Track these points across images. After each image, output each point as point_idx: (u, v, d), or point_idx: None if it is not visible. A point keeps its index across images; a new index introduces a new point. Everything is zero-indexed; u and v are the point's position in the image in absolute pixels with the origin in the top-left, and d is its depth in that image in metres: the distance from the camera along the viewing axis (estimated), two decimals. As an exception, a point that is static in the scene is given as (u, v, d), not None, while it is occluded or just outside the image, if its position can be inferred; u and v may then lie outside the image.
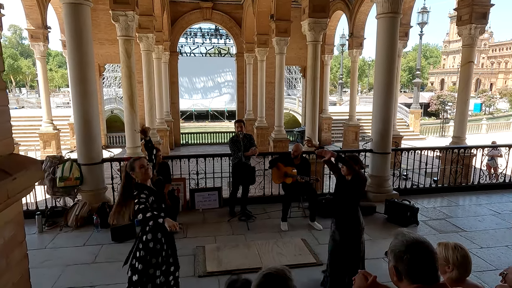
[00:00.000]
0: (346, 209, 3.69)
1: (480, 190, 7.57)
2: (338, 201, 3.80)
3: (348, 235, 3.64)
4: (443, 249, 2.05)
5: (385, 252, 1.55)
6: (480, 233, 5.43)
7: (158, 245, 3.05)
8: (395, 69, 6.80)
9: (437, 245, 2.06)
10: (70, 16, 5.47)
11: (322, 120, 19.06)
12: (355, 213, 3.68)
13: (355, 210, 3.69)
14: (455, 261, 2.05)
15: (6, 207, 1.12)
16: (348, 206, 3.69)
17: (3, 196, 1.08)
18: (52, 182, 5.64)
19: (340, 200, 3.76)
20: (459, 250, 2.05)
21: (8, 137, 1.32)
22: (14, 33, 63.99)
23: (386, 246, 1.58)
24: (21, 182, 1.17)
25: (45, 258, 4.59)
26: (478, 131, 26.04)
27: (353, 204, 3.69)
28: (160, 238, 3.05)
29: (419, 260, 1.37)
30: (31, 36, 13.89)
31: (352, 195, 3.69)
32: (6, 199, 1.09)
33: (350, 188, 3.66)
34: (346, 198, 3.70)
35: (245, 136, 6.01)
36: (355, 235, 3.65)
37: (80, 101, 5.73)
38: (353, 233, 3.65)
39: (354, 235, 3.65)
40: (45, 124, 14.92)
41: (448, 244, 2.07)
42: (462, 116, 9.51)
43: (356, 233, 3.66)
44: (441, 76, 74.60)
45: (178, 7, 17.66)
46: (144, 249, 3.02)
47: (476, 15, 8.85)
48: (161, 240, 3.07)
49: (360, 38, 16.04)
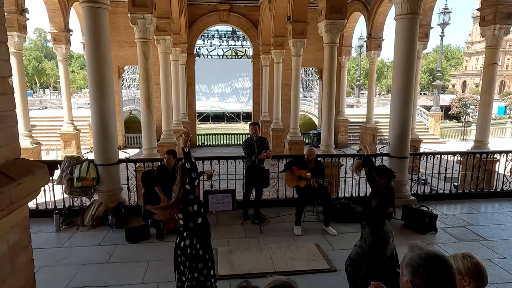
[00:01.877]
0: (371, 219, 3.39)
1: (504, 197, 7.27)
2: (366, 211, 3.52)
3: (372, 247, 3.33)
4: (453, 261, 1.94)
5: (397, 265, 1.48)
6: (503, 243, 5.20)
7: (195, 250, 3.10)
8: (414, 71, 6.61)
9: None
10: (89, 20, 5.59)
11: (338, 123, 18.81)
12: (381, 225, 3.35)
13: (379, 225, 3.35)
14: (467, 271, 1.94)
15: (10, 212, 1.13)
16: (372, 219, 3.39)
17: (6, 202, 1.08)
18: (69, 182, 5.77)
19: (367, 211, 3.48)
20: (468, 260, 1.94)
21: (15, 141, 1.33)
22: (39, 36, 66.24)
23: (403, 253, 1.51)
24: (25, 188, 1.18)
25: (61, 257, 4.70)
26: (502, 135, 25.12)
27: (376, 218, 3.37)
28: (196, 243, 3.10)
29: (439, 276, 1.29)
30: (54, 39, 14.33)
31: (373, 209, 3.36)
32: (10, 204, 1.10)
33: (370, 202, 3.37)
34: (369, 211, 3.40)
35: (259, 139, 5.98)
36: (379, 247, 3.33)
37: (98, 103, 5.84)
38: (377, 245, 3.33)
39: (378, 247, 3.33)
40: (66, 125, 15.34)
41: (456, 255, 1.97)
42: (485, 120, 9.18)
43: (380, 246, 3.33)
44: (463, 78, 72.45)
45: (195, 10, 17.84)
46: (184, 255, 3.11)
47: (501, 15, 8.53)
48: (197, 245, 3.10)
49: (378, 39, 15.75)
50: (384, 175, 3.43)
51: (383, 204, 3.32)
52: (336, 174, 7.96)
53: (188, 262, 3.07)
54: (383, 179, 3.39)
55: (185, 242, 3.08)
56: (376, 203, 3.29)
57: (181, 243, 3.10)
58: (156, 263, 4.52)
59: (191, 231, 3.08)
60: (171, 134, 12.40)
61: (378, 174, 3.40)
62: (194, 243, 3.09)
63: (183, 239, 3.10)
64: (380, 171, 3.45)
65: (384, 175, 3.43)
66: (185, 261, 3.09)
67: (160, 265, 4.46)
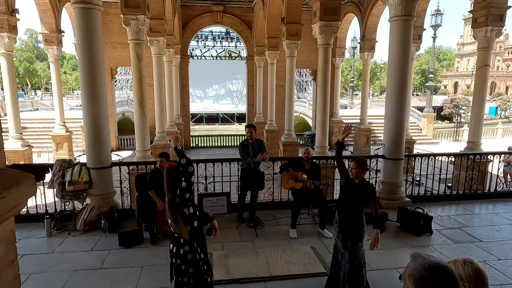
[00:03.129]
0: (351, 214, 3.59)
1: (497, 198, 7.32)
2: (344, 205, 3.68)
3: (350, 242, 3.56)
4: (453, 267, 1.92)
5: (399, 276, 1.44)
6: (498, 244, 5.22)
7: (194, 254, 3.02)
8: (408, 73, 6.63)
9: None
10: (81, 21, 5.50)
11: (332, 124, 18.86)
12: (360, 219, 3.58)
13: (360, 216, 3.59)
14: (468, 277, 1.91)
15: (-6, 227, 1.07)
16: (353, 212, 3.58)
17: (-11, 217, 1.02)
18: (61, 185, 5.66)
19: (346, 205, 3.65)
20: (469, 266, 1.91)
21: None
22: (30, 36, 65.47)
23: (399, 256, 1.48)
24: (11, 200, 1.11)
25: (53, 263, 4.59)
26: (494, 136, 25.42)
27: (358, 211, 3.59)
28: (197, 246, 3.02)
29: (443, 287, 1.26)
30: (45, 39, 14.16)
31: (359, 200, 3.58)
32: (-7, 219, 1.03)
33: (358, 193, 3.56)
34: (352, 203, 3.59)
35: (256, 141, 5.93)
36: (355, 241, 3.56)
37: (90, 105, 5.75)
38: (355, 240, 3.55)
39: (355, 241, 3.55)
40: (57, 127, 15.15)
41: (456, 261, 1.94)
42: (477, 121, 9.25)
43: (356, 239, 3.56)
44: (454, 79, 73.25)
45: (189, 11, 17.76)
46: (183, 263, 3.01)
47: (493, 17, 8.62)
48: (198, 249, 3.03)
49: (372, 41, 15.84)
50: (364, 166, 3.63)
51: (369, 185, 3.64)
52: (331, 176, 7.95)
53: (192, 268, 2.96)
54: (363, 172, 3.60)
55: (184, 248, 2.96)
56: (363, 185, 3.59)
57: (179, 250, 2.96)
58: (150, 268, 4.44)
59: (189, 236, 2.96)
60: (165, 136, 12.30)
61: (362, 166, 3.59)
62: (195, 246, 2.99)
63: (180, 246, 2.96)
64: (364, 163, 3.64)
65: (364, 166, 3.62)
66: (187, 268, 2.96)
67: (154, 270, 4.38)
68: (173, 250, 3.02)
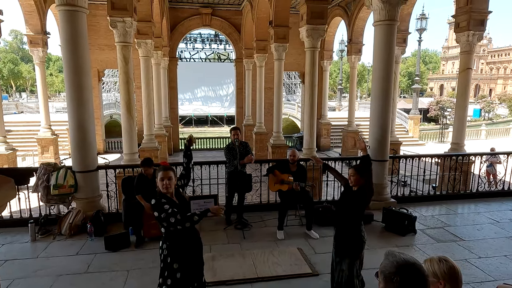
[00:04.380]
0: (348, 221, 3.55)
1: (479, 198, 7.51)
2: (341, 212, 3.66)
3: (347, 250, 3.51)
4: (429, 265, 2.00)
5: (375, 273, 1.50)
6: (479, 242, 5.36)
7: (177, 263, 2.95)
8: (393, 76, 6.76)
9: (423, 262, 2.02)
10: (66, 23, 5.45)
11: (321, 126, 19.04)
12: (358, 226, 3.54)
13: (357, 223, 3.55)
14: (443, 274, 1.99)
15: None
16: (350, 218, 3.55)
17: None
18: (46, 189, 5.58)
19: (343, 211, 3.62)
20: (444, 263, 1.99)
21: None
22: (15, 38, 64.25)
23: (382, 255, 1.53)
24: (-12, 205, 1.13)
25: (37, 268, 4.53)
26: (478, 137, 26.00)
27: (356, 217, 3.55)
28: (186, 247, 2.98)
29: (410, 283, 1.32)
30: (30, 41, 13.91)
31: (356, 206, 3.54)
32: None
33: (355, 199, 3.53)
34: (349, 210, 3.55)
35: (241, 143, 5.97)
36: (354, 250, 3.52)
37: (76, 108, 5.69)
38: (353, 248, 3.51)
39: (353, 250, 3.51)
40: (43, 130, 14.88)
41: (432, 259, 2.02)
42: (460, 122, 9.48)
43: (356, 247, 3.52)
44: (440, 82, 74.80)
45: (177, 13, 17.72)
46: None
47: (474, 22, 8.85)
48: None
49: (359, 44, 16.06)
50: (367, 175, 3.61)
51: (367, 193, 3.55)
52: (318, 178, 8.03)
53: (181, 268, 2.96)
54: (363, 179, 3.56)
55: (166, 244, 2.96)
56: (360, 192, 3.53)
57: (163, 245, 2.98)
58: (137, 272, 4.42)
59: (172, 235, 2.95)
60: (153, 139, 12.23)
61: (361, 173, 3.55)
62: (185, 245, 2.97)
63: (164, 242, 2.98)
64: (364, 171, 3.61)
65: (366, 175, 3.60)
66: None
67: (141, 274, 4.36)
68: (163, 247, 3.00)
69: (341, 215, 3.63)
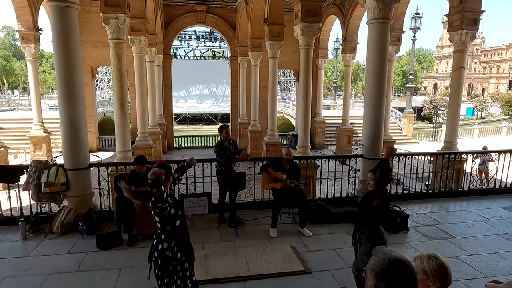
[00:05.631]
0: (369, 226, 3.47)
1: (471, 196, 7.58)
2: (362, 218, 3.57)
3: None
4: (419, 262, 2.01)
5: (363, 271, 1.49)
6: (470, 240, 5.42)
7: (173, 252, 3.06)
8: (386, 74, 6.78)
9: (413, 259, 2.03)
10: (57, 19, 5.38)
11: (315, 124, 19.06)
12: (379, 229, 3.46)
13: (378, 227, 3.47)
14: (432, 272, 2.01)
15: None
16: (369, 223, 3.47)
17: None
18: (37, 187, 5.52)
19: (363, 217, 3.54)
20: (433, 260, 2.01)
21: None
22: (7, 34, 63.43)
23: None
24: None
25: (27, 266, 4.48)
26: (470, 136, 26.23)
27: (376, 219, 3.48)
28: (174, 245, 3.06)
29: (401, 280, 1.32)
30: (22, 38, 13.72)
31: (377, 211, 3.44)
32: None
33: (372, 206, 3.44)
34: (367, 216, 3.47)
35: (232, 141, 5.98)
36: None
37: (67, 105, 5.63)
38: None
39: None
40: (35, 127, 14.72)
41: (422, 256, 2.04)
42: (453, 121, 9.54)
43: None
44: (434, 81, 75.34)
45: (172, 10, 17.60)
46: (160, 258, 3.05)
47: (467, 21, 8.89)
48: (174, 248, 3.06)
49: (353, 42, 16.09)
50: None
51: (384, 204, 3.44)
52: (312, 176, 8.04)
53: (167, 264, 3.03)
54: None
55: (163, 245, 3.03)
56: (377, 203, 3.38)
57: (158, 245, 3.05)
58: (129, 270, 4.40)
59: (169, 234, 3.05)
60: (147, 137, 12.14)
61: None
62: (172, 245, 3.04)
63: (160, 241, 3.05)
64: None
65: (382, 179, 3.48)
66: (162, 264, 3.03)
67: (133, 272, 4.33)
68: (154, 244, 3.11)
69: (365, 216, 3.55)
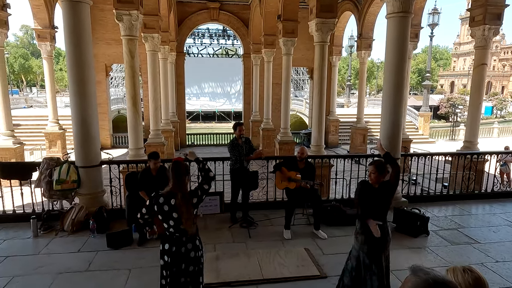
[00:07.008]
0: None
1: (494, 198, 7.24)
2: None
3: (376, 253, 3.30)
4: (452, 275, 1.80)
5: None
6: (495, 245, 5.12)
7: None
8: (405, 71, 6.50)
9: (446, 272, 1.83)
10: (68, 15, 5.32)
11: (329, 122, 18.75)
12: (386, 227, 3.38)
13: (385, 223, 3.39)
14: (468, 286, 1.80)
15: None
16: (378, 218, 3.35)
17: None
18: (48, 185, 5.49)
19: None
20: (469, 274, 1.80)
21: None
22: (25, 33, 64.80)
23: (395, 258, 1.37)
24: None
25: (38, 265, 4.44)
26: (490, 135, 25.44)
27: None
28: (198, 244, 3.01)
29: None
30: (38, 35, 13.88)
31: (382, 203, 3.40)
32: None
33: (380, 196, 3.38)
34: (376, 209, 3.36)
35: (246, 139, 5.83)
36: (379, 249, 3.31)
37: (78, 102, 5.58)
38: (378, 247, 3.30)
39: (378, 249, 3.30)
40: (50, 124, 14.90)
41: (456, 268, 1.83)
42: (474, 120, 9.15)
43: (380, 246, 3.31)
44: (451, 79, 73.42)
45: (185, 7, 17.55)
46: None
47: (490, 16, 8.50)
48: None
49: (369, 39, 15.70)
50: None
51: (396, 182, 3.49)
52: (327, 175, 7.83)
53: (192, 267, 2.91)
54: (382, 176, 3.37)
55: (186, 246, 2.89)
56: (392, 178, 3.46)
57: (181, 248, 2.87)
58: (139, 271, 4.30)
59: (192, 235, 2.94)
60: (160, 134, 12.11)
61: (381, 171, 3.36)
62: (196, 244, 2.95)
63: (182, 244, 2.88)
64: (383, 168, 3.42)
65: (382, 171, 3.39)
66: (187, 267, 2.88)
67: (142, 273, 4.24)
68: (171, 249, 2.93)
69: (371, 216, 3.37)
